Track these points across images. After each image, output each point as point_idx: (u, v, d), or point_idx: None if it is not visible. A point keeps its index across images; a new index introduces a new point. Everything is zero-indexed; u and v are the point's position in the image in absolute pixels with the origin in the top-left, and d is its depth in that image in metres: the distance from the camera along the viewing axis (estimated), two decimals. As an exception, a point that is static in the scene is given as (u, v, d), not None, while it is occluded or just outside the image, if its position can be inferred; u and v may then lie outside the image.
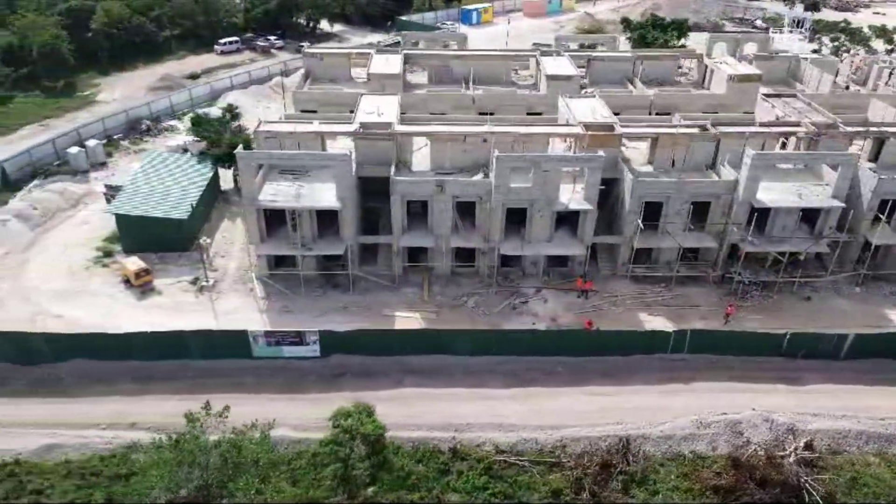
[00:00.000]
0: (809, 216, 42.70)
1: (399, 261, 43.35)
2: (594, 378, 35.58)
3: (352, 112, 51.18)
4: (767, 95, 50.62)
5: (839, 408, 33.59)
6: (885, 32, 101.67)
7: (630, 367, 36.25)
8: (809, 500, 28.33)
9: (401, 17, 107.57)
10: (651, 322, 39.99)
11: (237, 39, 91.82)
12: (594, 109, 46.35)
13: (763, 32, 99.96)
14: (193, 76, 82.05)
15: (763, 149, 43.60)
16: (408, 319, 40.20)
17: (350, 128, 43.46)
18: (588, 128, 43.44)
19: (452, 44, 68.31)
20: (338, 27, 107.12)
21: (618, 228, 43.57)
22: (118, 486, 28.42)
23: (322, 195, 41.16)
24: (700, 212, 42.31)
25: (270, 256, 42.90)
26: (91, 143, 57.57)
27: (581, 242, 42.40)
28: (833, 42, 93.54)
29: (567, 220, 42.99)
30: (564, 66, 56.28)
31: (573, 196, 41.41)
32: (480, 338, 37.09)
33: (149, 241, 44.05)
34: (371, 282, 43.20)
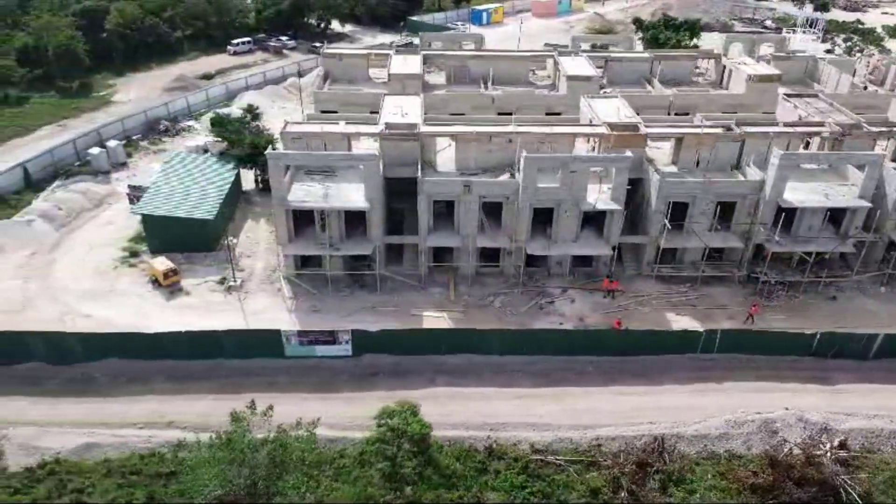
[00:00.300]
0: (834, 216, 42.80)
1: (425, 261, 43.52)
2: (625, 378, 35.71)
3: (372, 112, 51.61)
4: (789, 95, 50.73)
5: (871, 407, 33.70)
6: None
7: (660, 367, 36.36)
8: (847, 500, 28.44)
9: (411, 18, 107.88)
10: (678, 322, 40.11)
11: (249, 40, 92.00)
12: (618, 109, 46.48)
13: (773, 32, 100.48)
14: (207, 76, 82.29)
15: (788, 149, 43.68)
16: (436, 319, 40.33)
17: (376, 128, 43.62)
18: (613, 128, 43.63)
19: (468, 44, 68.41)
20: (348, 27, 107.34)
21: (643, 228, 43.70)
22: (159, 485, 28.62)
23: (350, 196, 41.31)
24: (724, 211, 42.43)
25: (297, 256, 43.04)
26: (112, 144, 57.74)
27: (607, 242, 42.54)
28: (846, 42, 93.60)
29: (592, 220, 43.11)
30: (584, 67, 56.42)
31: (600, 196, 41.52)
32: (511, 337, 37.23)
33: (175, 242, 44.18)
34: (397, 282, 43.34)
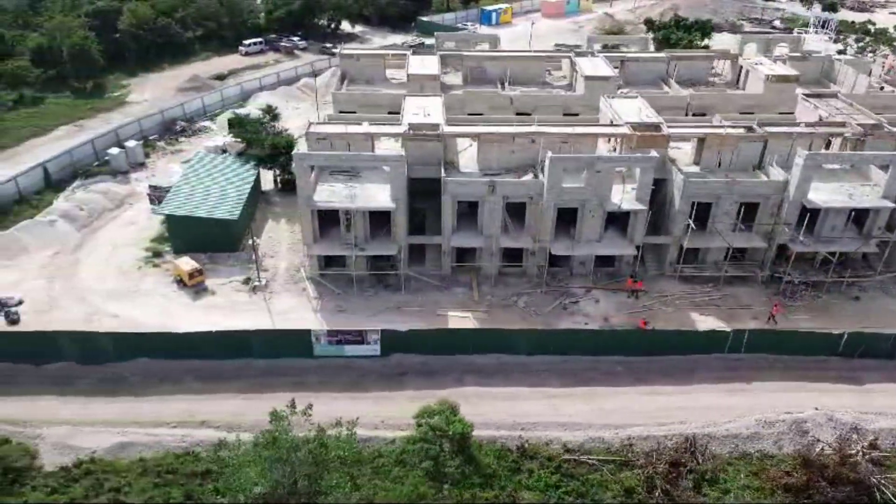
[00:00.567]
0: (857, 216, 42.84)
1: (448, 261, 43.62)
2: (654, 377, 35.81)
3: (390, 113, 51.84)
4: (808, 95, 50.78)
5: (901, 407, 33.83)
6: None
7: (688, 367, 36.47)
8: (881, 499, 28.53)
9: (421, 19, 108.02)
10: (702, 322, 40.20)
11: (261, 41, 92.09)
12: (640, 110, 46.59)
13: (782, 32, 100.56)
14: (220, 77, 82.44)
15: (810, 149, 43.71)
16: (461, 319, 40.41)
17: (399, 129, 43.72)
18: (635, 128, 43.72)
19: (480, 44, 68.49)
20: (358, 28, 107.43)
21: (665, 228, 43.79)
22: (195, 484, 28.74)
23: (376, 196, 41.43)
24: (747, 212, 42.47)
25: (321, 256, 43.14)
26: (131, 144, 57.88)
27: (631, 242, 42.63)
28: (858, 43, 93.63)
29: (616, 221, 43.19)
30: (602, 67, 56.47)
31: (624, 196, 41.60)
32: (539, 337, 37.34)
33: (198, 242, 44.28)
34: (421, 282, 43.43)
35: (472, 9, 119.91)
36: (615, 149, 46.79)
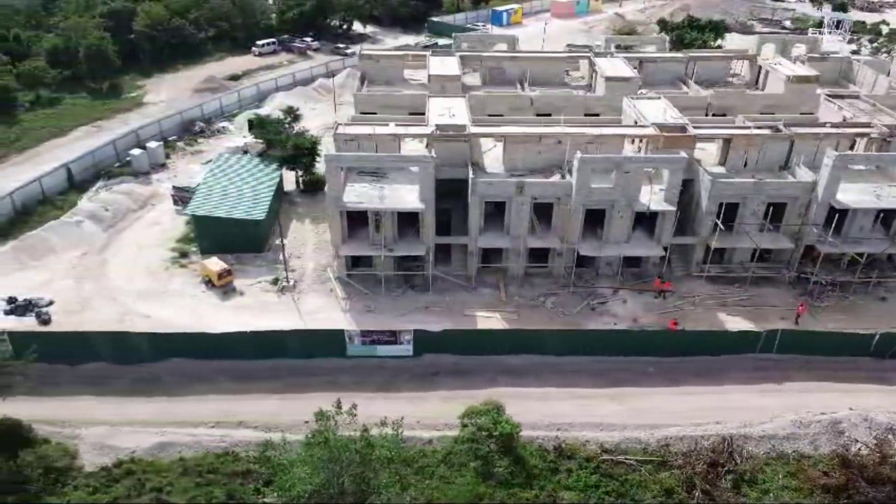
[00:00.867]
0: (884, 217, 42.89)
1: (474, 261, 43.70)
2: (686, 378, 35.89)
3: (412, 114, 51.95)
4: (832, 96, 50.84)
5: (934, 407, 33.89)
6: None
7: (720, 367, 36.55)
8: (921, 499, 28.61)
9: (433, 19, 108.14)
10: (731, 322, 40.27)
11: (274, 41, 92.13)
12: (664, 111, 46.68)
13: (793, 33, 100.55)
14: (234, 77, 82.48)
15: (837, 150, 43.74)
16: (489, 319, 40.51)
17: (426, 130, 43.82)
18: (661, 129, 43.81)
19: (501, 45, 68.58)
20: (369, 28, 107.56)
21: (691, 229, 43.86)
22: (236, 484, 28.85)
23: (404, 197, 41.52)
24: (772, 212, 42.53)
25: (348, 257, 43.25)
26: (152, 145, 58.01)
27: (658, 243, 42.71)
28: (872, 43, 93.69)
29: (642, 221, 43.27)
30: (623, 68, 56.53)
31: (652, 197, 41.67)
32: (571, 338, 37.43)
33: (225, 242, 44.39)
34: (447, 282, 43.53)
35: (483, 9, 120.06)
36: (639, 149, 46.95)
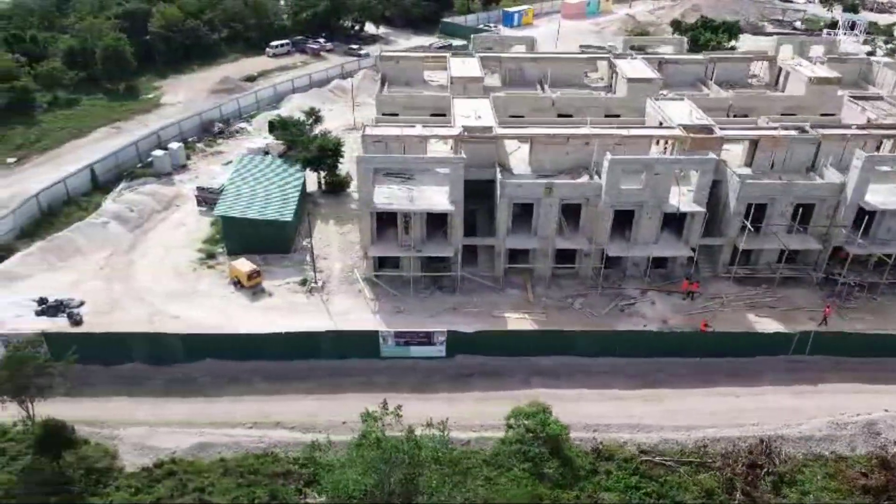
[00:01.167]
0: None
1: (502, 262, 43.75)
2: (720, 379, 35.91)
3: (433, 115, 52.04)
4: (855, 97, 50.85)
5: (969, 409, 33.88)
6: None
7: (753, 369, 36.56)
8: (963, 500, 28.64)
9: (445, 20, 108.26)
10: (760, 323, 40.29)
11: (288, 42, 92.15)
12: (690, 112, 46.74)
13: (804, 34, 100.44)
14: (250, 79, 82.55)
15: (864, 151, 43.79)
16: (518, 320, 40.54)
17: (453, 131, 43.88)
18: (688, 130, 43.85)
19: (520, 46, 68.63)
20: (381, 29, 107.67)
21: (718, 230, 43.88)
22: (278, 485, 28.91)
23: (433, 198, 41.58)
24: (799, 213, 42.53)
25: (375, 258, 43.30)
26: (174, 146, 58.10)
27: (686, 244, 42.75)
28: (887, 44, 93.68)
29: (669, 222, 43.26)
30: (644, 70, 56.57)
31: (681, 198, 41.70)
32: (605, 339, 37.47)
33: (253, 243, 44.45)
34: (475, 283, 43.56)
35: (493, 10, 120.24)
36: (664, 151, 47.03)
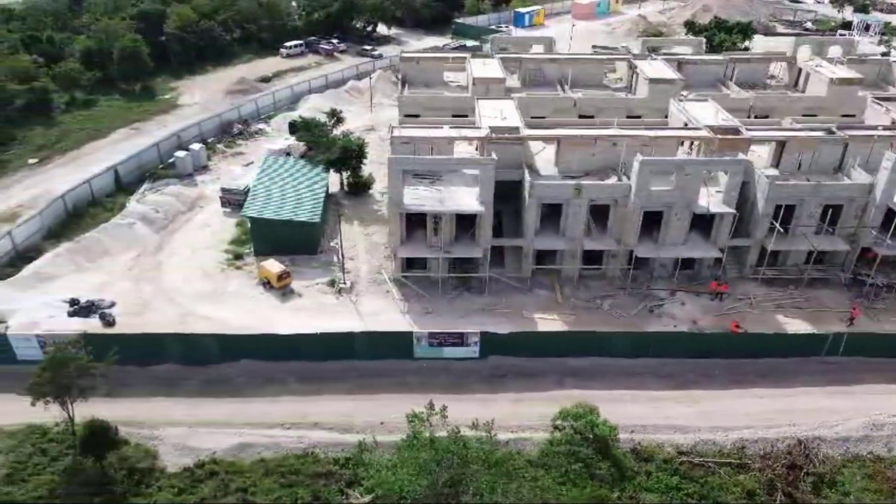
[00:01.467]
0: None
1: (529, 263, 43.80)
2: (753, 380, 35.98)
3: (455, 116, 52.14)
4: (880, 99, 50.88)
5: None
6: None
7: (787, 370, 36.60)
8: None
9: (458, 21, 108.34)
10: (790, 324, 40.37)
11: (301, 43, 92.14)
12: (716, 113, 46.77)
13: (815, 34, 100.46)
14: (265, 79, 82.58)
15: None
16: (548, 321, 40.59)
17: (482, 132, 43.95)
18: (715, 131, 43.90)
19: (538, 46, 68.70)
20: (393, 30, 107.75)
21: (746, 231, 43.92)
22: (319, 485, 28.98)
23: (462, 199, 41.65)
24: (826, 214, 42.56)
25: (403, 258, 43.39)
26: (195, 147, 58.17)
27: (714, 245, 42.80)
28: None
29: (697, 223, 43.29)
30: (665, 70, 56.60)
31: (710, 199, 41.75)
32: (638, 340, 37.51)
33: (281, 244, 44.48)
34: (501, 284, 43.61)
35: (504, 11, 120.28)
36: (690, 152, 47.09)
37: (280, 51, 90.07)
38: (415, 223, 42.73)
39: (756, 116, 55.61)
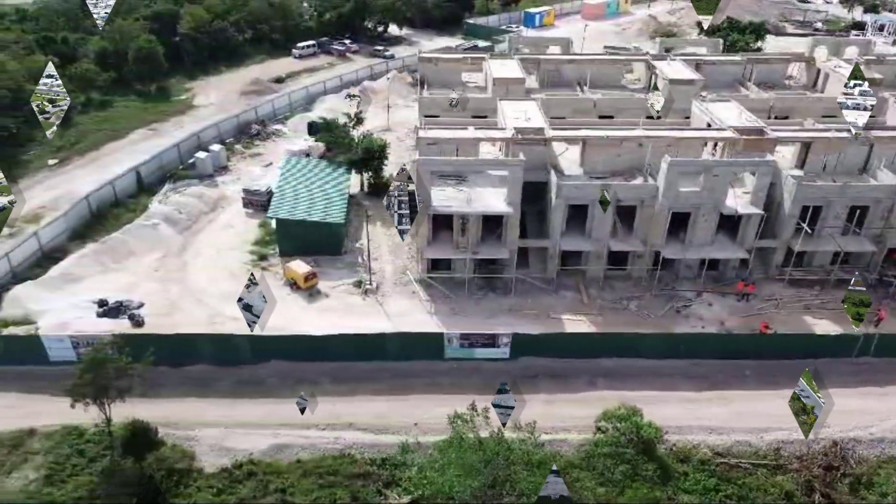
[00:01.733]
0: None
1: (555, 264, 43.81)
2: (785, 381, 35.43)
3: (475, 116, 52.20)
4: (903, 100, 50.87)
5: None
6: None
7: (818, 371, 36.42)
8: None
9: (469, 21, 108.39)
10: (817, 325, 40.37)
11: (314, 43, 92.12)
12: (740, 113, 46.77)
13: (825, 34, 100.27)
14: (278, 80, 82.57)
15: (916, 153, 43.90)
16: (575, 322, 40.60)
17: (507, 133, 43.96)
18: (740, 132, 43.89)
19: (555, 47, 68.71)
20: (404, 31, 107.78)
21: (772, 232, 43.90)
22: (358, 486, 29.02)
23: (489, 200, 41.67)
24: (852, 215, 42.55)
25: (429, 259, 43.41)
26: (215, 148, 58.22)
27: (741, 246, 42.79)
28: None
29: (723, 224, 43.26)
30: (685, 71, 56.60)
31: (738, 200, 41.74)
32: (669, 341, 37.49)
33: (306, 245, 44.59)
34: (527, 284, 43.64)
35: (514, 11, 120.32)
36: (714, 153, 47.07)
37: (292, 51, 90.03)
38: (441, 224, 42.77)
39: (776, 117, 55.57)
